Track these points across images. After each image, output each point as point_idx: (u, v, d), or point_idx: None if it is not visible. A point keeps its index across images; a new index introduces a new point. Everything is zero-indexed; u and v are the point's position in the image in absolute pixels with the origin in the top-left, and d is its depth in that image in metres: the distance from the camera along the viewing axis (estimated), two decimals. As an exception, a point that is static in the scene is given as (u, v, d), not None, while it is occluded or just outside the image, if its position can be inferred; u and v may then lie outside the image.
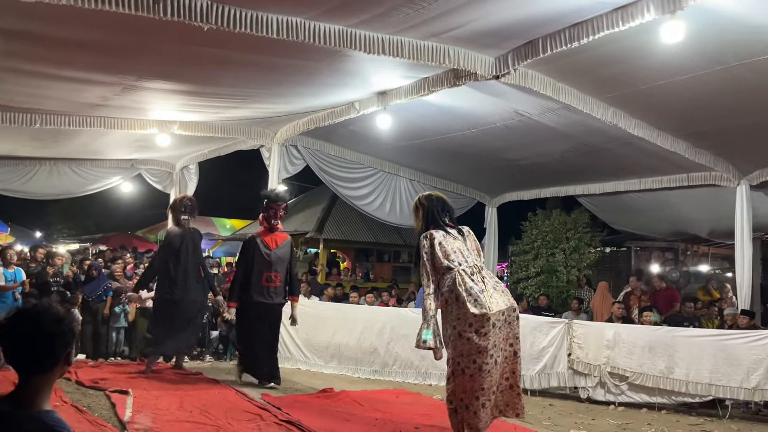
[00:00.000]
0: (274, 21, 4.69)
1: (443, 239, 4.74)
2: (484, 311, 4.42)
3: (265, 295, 6.99)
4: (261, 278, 6.97)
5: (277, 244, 7.09)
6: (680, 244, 13.95)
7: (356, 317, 8.54)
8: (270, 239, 7.09)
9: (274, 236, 7.11)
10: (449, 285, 4.58)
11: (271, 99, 7.52)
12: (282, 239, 7.18)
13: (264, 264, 6.99)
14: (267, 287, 6.97)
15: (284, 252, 7.13)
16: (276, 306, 7.09)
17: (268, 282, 6.97)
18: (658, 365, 6.86)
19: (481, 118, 7.81)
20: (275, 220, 7.13)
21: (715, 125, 7.08)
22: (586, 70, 6.05)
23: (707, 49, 5.33)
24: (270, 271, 6.97)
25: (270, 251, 7.03)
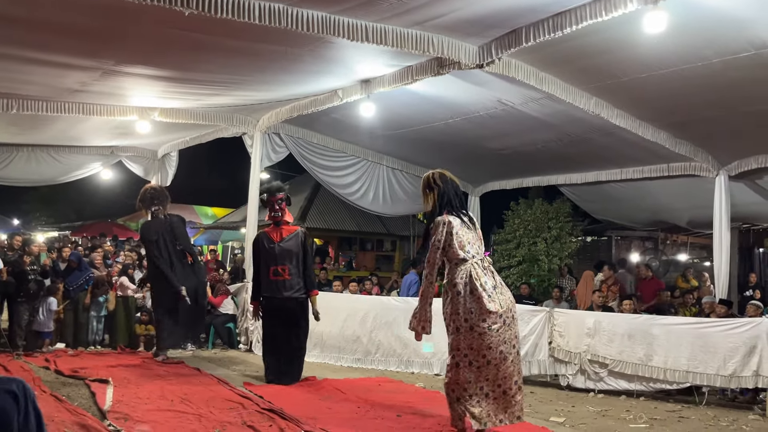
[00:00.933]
0: (257, 6, 4.63)
1: (460, 228, 4.69)
2: (499, 308, 4.50)
3: (273, 290, 6.75)
4: (268, 273, 6.76)
5: (282, 236, 6.84)
6: (660, 234, 14.13)
7: (339, 306, 8.53)
8: (275, 233, 6.89)
9: (279, 230, 6.90)
10: (463, 277, 4.58)
11: (253, 86, 7.45)
12: (289, 232, 6.90)
13: (269, 258, 6.78)
14: (275, 281, 6.72)
15: (292, 244, 6.82)
16: (287, 301, 6.74)
17: (275, 276, 6.71)
18: (638, 353, 6.94)
19: (464, 107, 7.81)
20: (275, 212, 6.89)
21: (696, 116, 7.15)
22: (569, 60, 6.07)
23: (689, 43, 5.37)
24: (276, 264, 6.71)
25: (274, 244, 6.79)
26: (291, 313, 6.76)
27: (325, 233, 17.39)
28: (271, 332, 6.85)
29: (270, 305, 6.80)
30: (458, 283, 4.58)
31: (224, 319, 9.62)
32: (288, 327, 6.76)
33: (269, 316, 6.83)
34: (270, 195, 6.91)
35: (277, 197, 6.86)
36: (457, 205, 4.80)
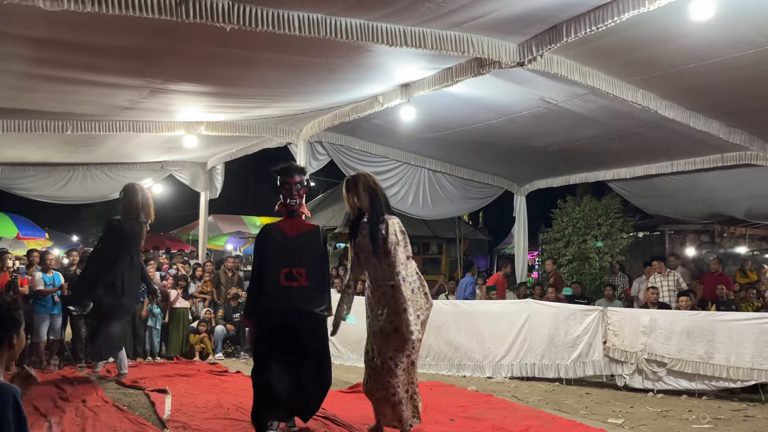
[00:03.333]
0: (296, 18, 4.69)
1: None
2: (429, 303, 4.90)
3: (284, 301, 4.74)
4: (278, 277, 4.78)
5: (299, 231, 5.01)
6: (716, 226, 13.64)
7: (388, 311, 8.52)
8: (289, 225, 5.04)
9: (294, 222, 5.06)
10: (416, 273, 4.85)
11: (294, 97, 7.54)
12: (307, 227, 5.09)
13: (282, 256, 4.85)
14: (288, 289, 4.76)
15: (312, 242, 5.02)
16: (305, 318, 4.80)
17: (288, 280, 4.76)
18: (698, 350, 6.72)
19: (506, 107, 7.73)
20: (291, 198, 5.02)
21: (750, 105, 6.90)
22: (613, 54, 5.93)
23: (739, 29, 5.18)
24: (291, 266, 4.80)
25: (289, 239, 4.93)
26: (309, 335, 4.83)
27: (371, 238, 17.40)
28: (272, 361, 4.74)
29: (276, 322, 4.76)
30: (416, 280, 4.81)
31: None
32: (301, 358, 4.78)
33: (273, 336, 4.77)
34: (285, 176, 5.09)
35: (295, 180, 5.08)
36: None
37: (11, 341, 2.13)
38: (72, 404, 5.73)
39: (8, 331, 2.13)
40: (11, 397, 2.04)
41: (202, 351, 9.21)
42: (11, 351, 2.14)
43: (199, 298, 9.91)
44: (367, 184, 4.82)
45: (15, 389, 2.07)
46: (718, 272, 9.91)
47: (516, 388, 7.18)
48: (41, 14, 4.32)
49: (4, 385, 2.08)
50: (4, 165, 10.76)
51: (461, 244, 17.97)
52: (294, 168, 5.18)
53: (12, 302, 2.19)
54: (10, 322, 2.13)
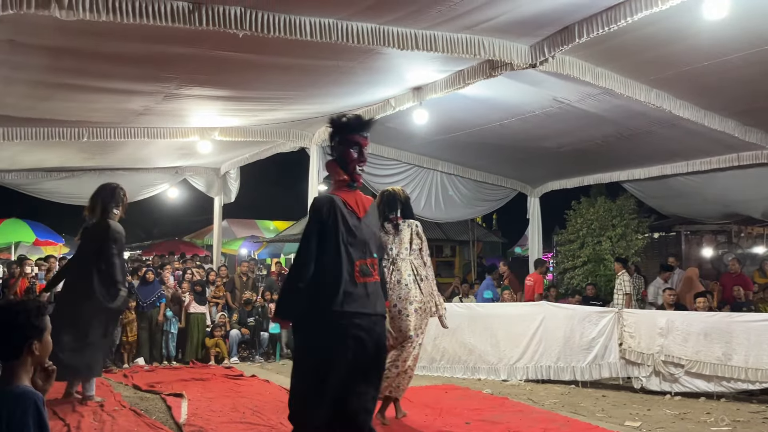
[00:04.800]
0: (307, 23, 4.73)
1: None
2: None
3: (363, 303, 3.62)
4: (351, 270, 3.62)
5: (365, 207, 3.84)
6: (733, 226, 13.50)
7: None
8: (353, 200, 3.78)
9: (358, 196, 3.83)
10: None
11: (307, 100, 7.58)
12: (368, 202, 3.93)
13: (354, 243, 3.67)
14: (365, 286, 3.65)
15: (375, 222, 4.04)
16: (380, 321, 3.77)
17: (364, 276, 3.66)
18: (715, 352, 6.65)
19: (518, 107, 7.71)
20: (357, 164, 3.75)
21: (765, 103, 6.82)
22: (625, 54, 5.91)
23: (754, 26, 5.14)
24: (364, 256, 3.70)
25: (359, 221, 3.73)
26: (378, 345, 3.71)
27: (385, 241, 17.42)
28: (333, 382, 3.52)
29: (346, 330, 3.55)
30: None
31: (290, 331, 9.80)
32: (370, 373, 3.68)
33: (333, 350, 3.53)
34: (348, 132, 3.76)
35: (365, 138, 3.79)
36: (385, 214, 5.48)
37: (30, 347, 2.14)
38: (90, 408, 5.79)
39: (28, 337, 2.15)
40: (32, 404, 2.06)
41: (218, 355, 9.27)
42: (33, 357, 2.16)
43: (213, 303, 9.97)
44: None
45: (37, 396, 2.10)
46: (737, 273, 9.80)
47: (531, 391, 7.14)
48: (57, 24, 4.39)
49: (26, 391, 2.11)
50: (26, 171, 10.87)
51: (474, 247, 17.91)
52: (359, 123, 3.79)
53: (33, 309, 2.20)
54: (29, 329, 2.15)
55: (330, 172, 3.89)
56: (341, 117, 3.77)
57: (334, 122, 3.79)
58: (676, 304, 8.28)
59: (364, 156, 3.76)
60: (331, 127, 3.79)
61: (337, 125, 3.77)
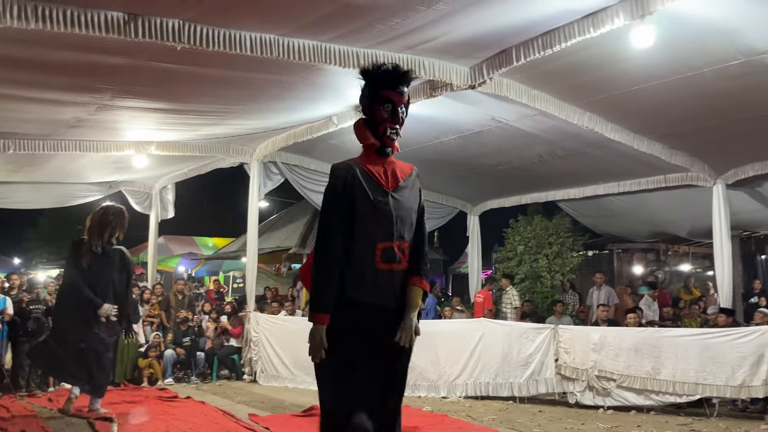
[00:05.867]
0: (248, 38, 4.69)
1: None
2: None
3: (380, 292, 2.99)
4: (374, 255, 2.98)
5: (398, 179, 3.11)
6: (661, 245, 14.10)
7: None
8: (381, 170, 3.08)
9: (389, 165, 3.11)
10: None
11: (248, 115, 7.50)
12: (404, 173, 3.16)
13: (376, 221, 2.99)
14: (386, 274, 2.99)
15: (412, 198, 3.15)
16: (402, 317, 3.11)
17: (388, 262, 2.99)
18: (645, 366, 6.88)
19: (458, 126, 7.85)
20: (393, 127, 3.04)
21: (689, 127, 7.17)
22: (560, 77, 6.11)
23: (678, 54, 5.41)
24: (390, 238, 2.99)
25: (385, 196, 3.03)
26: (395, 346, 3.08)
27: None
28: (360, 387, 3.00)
29: (369, 320, 2.98)
30: None
31: (228, 351, 9.57)
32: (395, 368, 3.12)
33: (360, 341, 2.98)
34: (379, 85, 3.03)
35: (405, 97, 3.09)
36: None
37: None
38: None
39: None
40: None
41: (151, 376, 8.94)
42: None
43: (147, 322, 9.65)
44: None
45: None
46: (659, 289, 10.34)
47: (471, 408, 7.19)
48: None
49: None
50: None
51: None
52: (406, 76, 3.07)
53: None
54: None
55: (357, 136, 3.13)
56: (375, 66, 3.11)
57: (364, 72, 3.08)
58: (610, 320, 8.56)
59: (398, 116, 3.04)
60: (362, 77, 3.08)
61: (367, 76, 3.06)
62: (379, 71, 3.04)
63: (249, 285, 9.59)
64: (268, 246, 14.90)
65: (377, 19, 4.68)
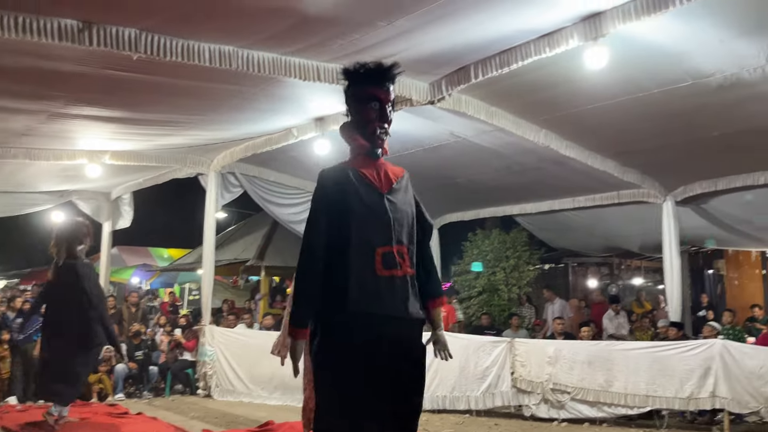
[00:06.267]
0: (206, 49, 4.64)
1: None
2: None
3: (381, 301, 2.75)
4: (372, 259, 2.76)
5: (392, 181, 2.96)
6: (614, 259, 14.45)
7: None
8: (374, 172, 2.92)
9: (380, 167, 2.96)
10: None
11: (206, 125, 7.40)
12: (396, 175, 3.01)
13: (373, 224, 2.81)
14: (390, 280, 2.77)
15: (407, 201, 2.99)
16: (415, 324, 2.88)
17: (389, 268, 2.78)
18: (598, 379, 7.01)
19: (418, 140, 7.91)
20: (382, 126, 2.90)
21: (641, 145, 7.39)
22: (517, 95, 6.23)
23: (630, 75, 5.58)
24: (389, 242, 2.80)
25: (380, 198, 2.87)
26: (410, 360, 2.83)
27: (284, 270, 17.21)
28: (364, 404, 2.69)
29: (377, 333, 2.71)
30: None
31: (182, 365, 9.37)
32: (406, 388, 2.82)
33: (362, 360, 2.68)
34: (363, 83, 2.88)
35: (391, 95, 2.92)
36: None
37: None
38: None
39: None
40: None
41: (101, 392, 8.67)
42: None
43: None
44: None
45: None
46: (602, 302, 10.58)
47: (427, 422, 7.20)
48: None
49: None
50: None
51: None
52: (390, 72, 2.89)
53: None
54: None
55: (345, 139, 2.98)
56: (357, 64, 2.90)
57: (347, 72, 2.92)
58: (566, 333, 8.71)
59: (387, 114, 2.88)
60: (344, 77, 2.93)
61: (350, 74, 2.89)
62: (363, 68, 2.87)
63: (205, 297, 9.43)
64: (225, 258, 14.70)
65: (338, 34, 4.71)
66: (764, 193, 8.24)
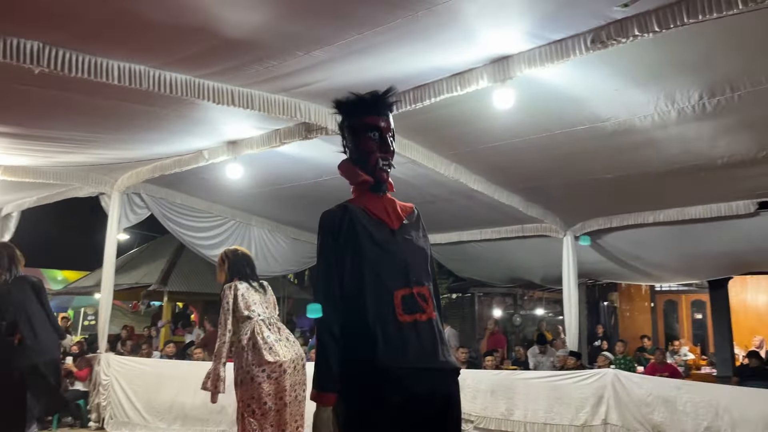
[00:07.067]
0: (115, 67, 4.48)
1: (246, 291, 5.23)
2: (278, 359, 4.95)
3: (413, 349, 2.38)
4: (392, 303, 2.42)
5: (401, 217, 2.69)
6: (518, 290, 15.01)
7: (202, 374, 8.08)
8: (382, 208, 2.65)
9: (389, 203, 2.70)
10: (247, 333, 5.02)
11: (111, 144, 7.10)
12: (406, 211, 2.75)
13: (390, 267, 2.49)
14: (414, 326, 2.41)
15: (420, 236, 2.73)
16: (449, 375, 2.53)
17: (411, 312, 2.43)
18: (500, 408, 7.21)
19: (332, 167, 7.86)
20: (386, 158, 2.67)
21: (544, 182, 7.78)
22: (430, 129, 6.41)
23: (535, 116, 5.88)
24: (408, 285, 2.48)
25: (392, 235, 2.58)
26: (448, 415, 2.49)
27: (189, 297, 16.63)
28: None
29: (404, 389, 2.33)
30: (242, 339, 5.01)
31: (74, 395, 8.79)
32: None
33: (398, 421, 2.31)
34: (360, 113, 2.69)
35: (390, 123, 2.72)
36: (247, 273, 5.41)
37: None
38: None
39: None
40: None
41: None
42: None
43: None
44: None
45: None
46: (495, 333, 10.99)
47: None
48: None
49: None
50: None
51: (286, 304, 17.75)
52: (387, 99, 2.70)
53: None
54: None
55: (346, 176, 2.73)
56: (349, 95, 2.70)
57: (339, 104, 2.70)
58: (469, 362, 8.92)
59: (388, 144, 2.65)
60: (336, 110, 2.72)
61: (344, 106, 2.68)
62: (358, 98, 2.68)
63: (102, 324, 8.93)
64: (126, 282, 14.04)
65: (254, 59, 4.68)
66: (652, 232, 8.87)
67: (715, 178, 7.03)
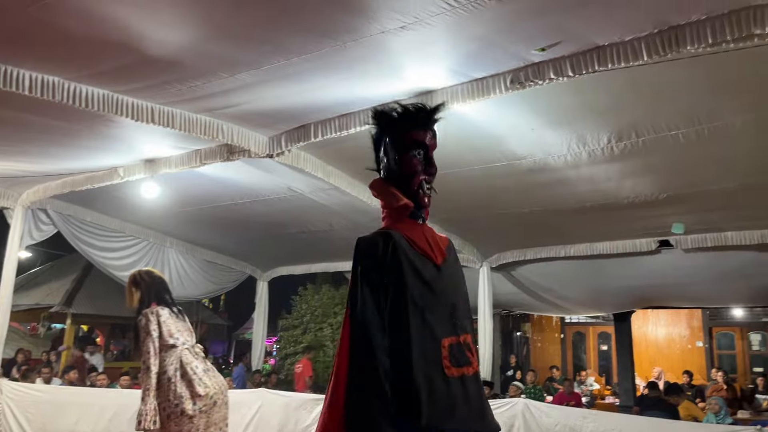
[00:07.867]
0: (27, 77, 4.28)
1: (168, 317, 4.85)
2: (209, 391, 4.61)
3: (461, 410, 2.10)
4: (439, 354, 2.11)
5: (443, 250, 2.38)
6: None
7: (104, 403, 7.67)
8: (424, 239, 2.34)
9: (428, 233, 2.39)
10: (174, 362, 4.66)
11: (16, 157, 6.73)
12: (443, 241, 2.44)
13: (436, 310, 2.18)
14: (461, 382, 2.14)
15: (460, 275, 2.44)
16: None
17: (458, 365, 2.14)
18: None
19: (254, 191, 7.84)
20: (429, 179, 2.38)
21: (462, 214, 7.98)
22: (354, 157, 6.44)
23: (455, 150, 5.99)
24: (456, 332, 2.19)
25: (438, 272, 2.26)
26: None
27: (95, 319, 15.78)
28: None
29: None
30: (168, 369, 4.65)
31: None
32: None
33: None
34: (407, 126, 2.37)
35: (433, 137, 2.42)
36: (167, 298, 4.98)
37: None
38: None
39: None
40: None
41: None
42: None
43: None
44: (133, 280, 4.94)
45: None
46: None
47: (242, 484, 6.89)
48: None
49: None
50: None
51: (199, 329, 17.18)
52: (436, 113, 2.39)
53: None
54: None
55: (381, 197, 2.41)
56: (392, 105, 2.33)
57: (380, 114, 2.36)
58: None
59: (433, 165, 2.35)
60: (375, 121, 2.38)
61: (386, 118, 2.34)
62: (405, 109, 2.31)
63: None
64: (25, 302, 13.20)
65: (177, 78, 4.59)
66: (563, 265, 9.25)
67: (621, 217, 7.46)
